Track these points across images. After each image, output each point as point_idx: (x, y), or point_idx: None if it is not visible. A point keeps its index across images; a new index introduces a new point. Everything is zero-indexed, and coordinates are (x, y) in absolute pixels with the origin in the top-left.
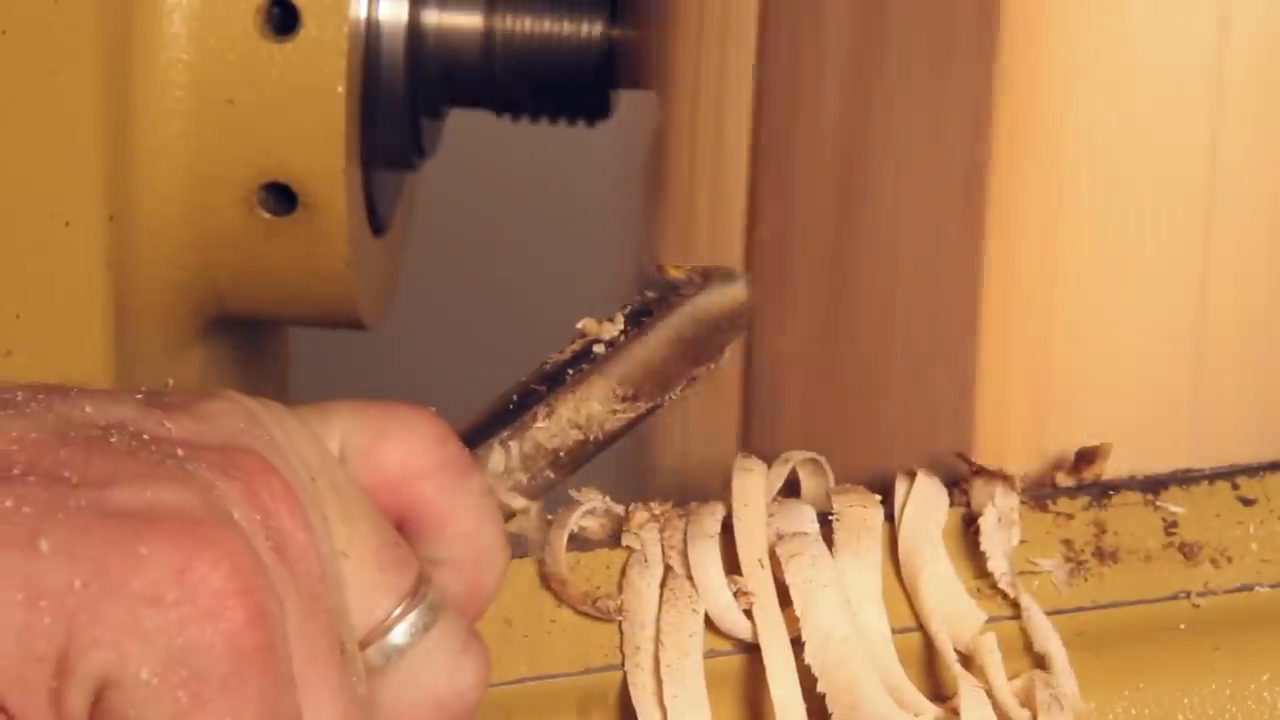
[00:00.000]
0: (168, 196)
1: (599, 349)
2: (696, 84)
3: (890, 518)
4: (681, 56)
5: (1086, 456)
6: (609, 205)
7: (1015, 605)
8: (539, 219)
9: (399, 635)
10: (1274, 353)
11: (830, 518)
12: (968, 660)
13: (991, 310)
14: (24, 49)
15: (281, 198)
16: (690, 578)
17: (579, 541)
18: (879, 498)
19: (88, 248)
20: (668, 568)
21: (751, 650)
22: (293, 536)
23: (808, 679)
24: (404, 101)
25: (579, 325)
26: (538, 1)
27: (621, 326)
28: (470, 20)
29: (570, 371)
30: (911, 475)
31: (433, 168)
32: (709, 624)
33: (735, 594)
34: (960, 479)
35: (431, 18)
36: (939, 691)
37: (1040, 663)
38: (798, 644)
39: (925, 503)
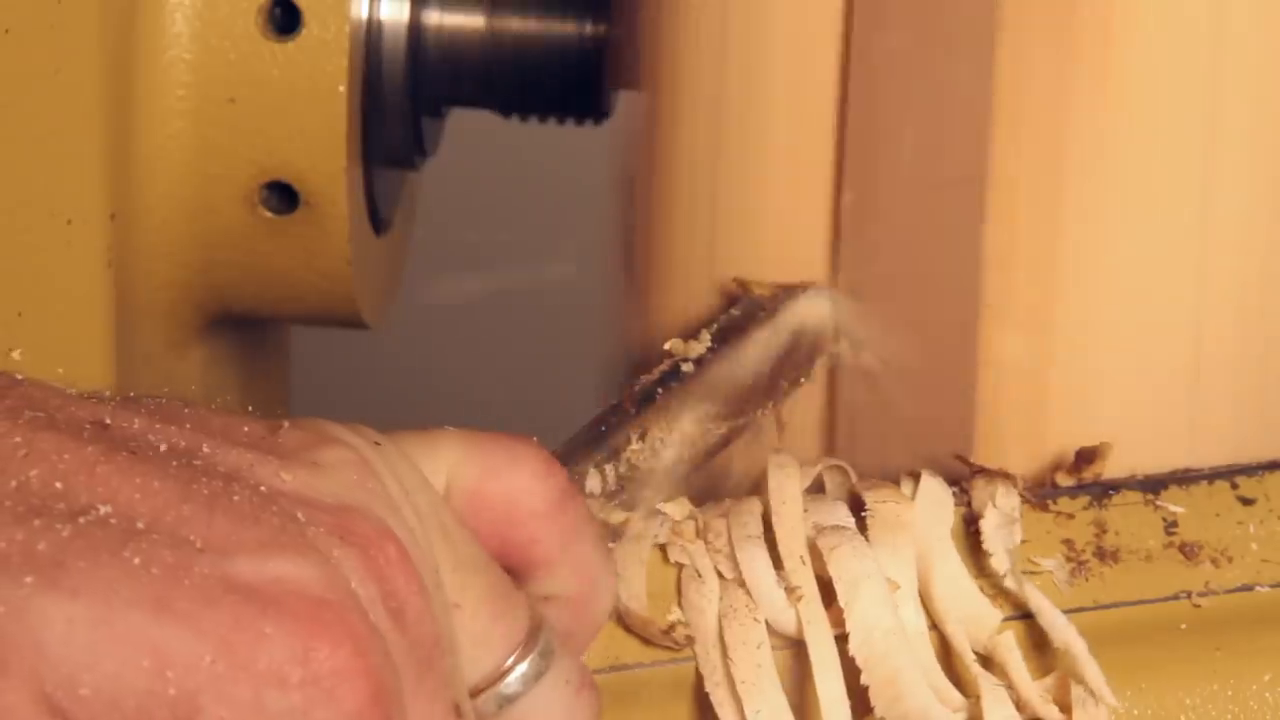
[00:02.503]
0: (169, 195)
1: (686, 368)
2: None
3: None
4: (687, 59)
5: (1086, 456)
6: (609, 205)
7: (1018, 604)
8: (540, 219)
9: (512, 684)
10: (1273, 353)
11: (862, 514)
12: (985, 660)
13: (992, 310)
14: (27, 48)
15: (283, 196)
16: (741, 583)
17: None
18: (909, 493)
19: (89, 246)
20: (718, 574)
21: (795, 645)
22: (409, 602)
23: (850, 671)
24: (405, 101)
25: (666, 345)
26: (539, 2)
27: (708, 344)
28: (472, 20)
29: (659, 392)
30: (916, 477)
31: (434, 167)
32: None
33: (785, 589)
34: (961, 480)
35: (433, 18)
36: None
37: (1053, 659)
38: (840, 638)
39: (932, 504)
